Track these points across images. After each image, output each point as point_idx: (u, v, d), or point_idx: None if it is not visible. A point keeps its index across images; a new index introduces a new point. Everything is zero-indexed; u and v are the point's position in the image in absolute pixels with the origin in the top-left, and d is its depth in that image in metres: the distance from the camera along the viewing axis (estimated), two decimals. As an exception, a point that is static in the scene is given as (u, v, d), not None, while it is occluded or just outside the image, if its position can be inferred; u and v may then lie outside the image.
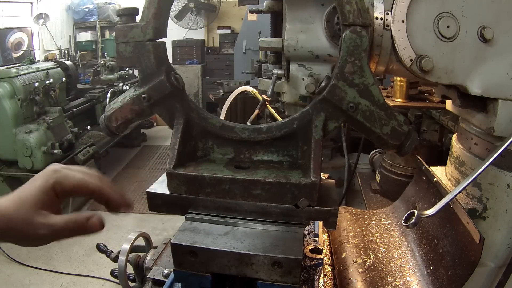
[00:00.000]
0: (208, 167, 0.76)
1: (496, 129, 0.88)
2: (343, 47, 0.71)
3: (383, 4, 0.83)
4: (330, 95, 0.72)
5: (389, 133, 0.74)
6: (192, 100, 0.81)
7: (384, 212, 1.32)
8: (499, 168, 0.93)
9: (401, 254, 1.09)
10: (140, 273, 1.13)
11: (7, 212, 0.63)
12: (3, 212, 0.63)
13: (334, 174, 2.98)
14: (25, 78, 3.73)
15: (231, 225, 0.74)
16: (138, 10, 0.77)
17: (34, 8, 6.54)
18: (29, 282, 3.22)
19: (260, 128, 0.78)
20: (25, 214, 0.64)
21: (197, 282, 0.71)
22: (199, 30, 7.90)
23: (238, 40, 6.46)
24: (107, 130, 0.82)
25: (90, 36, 7.71)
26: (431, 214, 0.80)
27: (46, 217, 0.66)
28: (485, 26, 0.83)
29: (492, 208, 0.97)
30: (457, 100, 0.93)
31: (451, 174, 1.14)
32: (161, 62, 0.75)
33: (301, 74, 0.94)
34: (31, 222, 0.65)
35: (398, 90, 2.64)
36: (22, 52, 6.06)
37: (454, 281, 0.86)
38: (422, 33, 0.83)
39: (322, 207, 0.71)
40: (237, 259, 0.67)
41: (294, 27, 0.91)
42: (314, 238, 1.09)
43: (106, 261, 1.45)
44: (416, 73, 0.84)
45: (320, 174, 0.70)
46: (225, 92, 5.02)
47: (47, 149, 3.63)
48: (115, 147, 5.54)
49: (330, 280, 1.05)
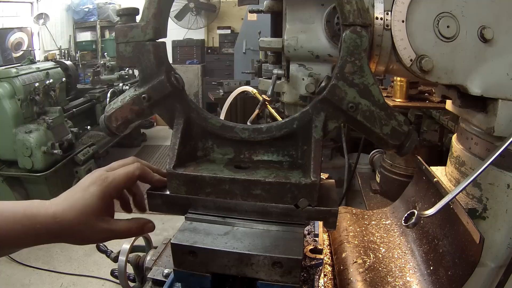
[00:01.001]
0: (208, 167, 0.76)
1: (496, 129, 0.88)
2: (343, 47, 0.70)
3: (383, 4, 0.83)
4: (330, 95, 0.72)
5: (389, 133, 0.74)
6: (192, 100, 0.81)
7: (384, 212, 1.32)
8: (499, 168, 0.93)
9: (401, 254, 1.09)
10: (140, 273, 1.13)
11: (66, 218, 0.66)
12: (61, 219, 0.66)
13: (334, 174, 2.98)
14: (25, 78, 3.73)
15: (231, 225, 0.74)
16: (138, 10, 0.77)
17: (34, 8, 6.54)
18: (29, 282, 3.22)
19: (260, 128, 0.78)
20: (87, 222, 0.68)
21: (197, 282, 0.71)
22: (199, 30, 7.90)
23: (238, 40, 6.46)
24: (107, 130, 0.82)
25: (90, 36, 7.71)
26: (431, 214, 0.80)
27: (108, 223, 0.71)
28: (485, 26, 0.83)
29: (492, 208, 0.97)
30: (457, 100, 0.93)
31: (451, 174, 1.14)
32: (161, 62, 0.75)
33: (301, 74, 0.94)
34: (95, 229, 0.69)
35: (398, 90, 2.64)
36: (22, 52, 6.06)
37: (454, 281, 0.86)
38: (422, 33, 0.83)
39: (322, 207, 0.71)
40: (237, 259, 0.67)
41: (294, 27, 0.91)
42: (314, 238, 1.10)
43: (106, 261, 1.45)
44: (416, 73, 0.84)
45: (320, 174, 0.70)
46: (225, 92, 5.03)
47: (47, 149, 3.63)
48: (115, 147, 5.54)
49: (330, 280, 1.05)
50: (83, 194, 0.69)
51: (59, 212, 0.66)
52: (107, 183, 0.70)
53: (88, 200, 0.68)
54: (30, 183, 3.84)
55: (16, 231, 0.63)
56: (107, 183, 0.70)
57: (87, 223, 0.68)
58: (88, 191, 0.69)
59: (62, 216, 0.66)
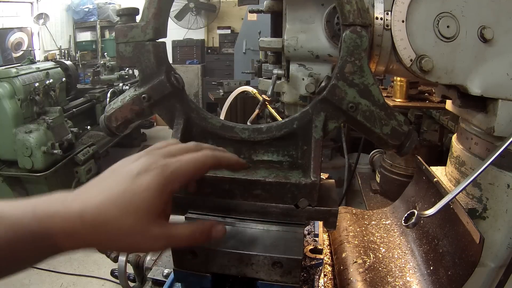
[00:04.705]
0: (208, 167, 0.76)
1: (496, 129, 0.88)
2: (343, 47, 0.71)
3: (383, 4, 0.83)
4: (330, 95, 0.72)
5: (389, 133, 0.74)
6: (192, 100, 0.81)
7: (384, 212, 1.32)
8: (499, 168, 0.93)
9: (401, 254, 1.09)
10: (140, 273, 1.12)
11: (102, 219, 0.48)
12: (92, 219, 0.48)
13: (334, 174, 2.98)
14: (25, 78, 3.73)
15: (231, 225, 0.74)
16: (138, 10, 0.77)
17: (34, 8, 6.54)
18: (29, 282, 3.22)
19: (260, 128, 0.78)
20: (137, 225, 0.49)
21: (197, 282, 0.71)
22: (199, 30, 7.90)
23: (238, 40, 6.45)
24: (107, 130, 0.82)
25: (90, 36, 7.71)
26: (431, 214, 0.80)
27: (165, 227, 0.53)
28: (485, 26, 0.83)
29: (492, 208, 0.97)
30: (457, 100, 0.93)
31: (451, 174, 1.14)
32: (161, 62, 0.75)
33: (301, 74, 0.94)
34: (146, 235, 0.50)
35: (398, 90, 2.64)
36: (22, 52, 6.06)
37: (454, 281, 0.86)
38: (422, 33, 0.83)
39: (322, 207, 0.71)
40: (237, 259, 0.67)
41: (294, 27, 0.91)
42: (314, 238, 1.10)
43: (106, 261, 1.45)
44: (416, 73, 0.84)
45: (320, 174, 0.70)
46: (225, 92, 5.02)
47: (47, 149, 3.63)
48: (115, 147, 5.53)
49: (330, 280, 1.05)
50: (130, 185, 0.49)
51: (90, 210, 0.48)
52: (167, 173, 0.51)
53: (140, 194, 0.49)
54: (30, 183, 3.84)
55: (23, 244, 0.45)
56: (167, 173, 0.51)
57: (136, 227, 0.49)
58: (139, 181, 0.50)
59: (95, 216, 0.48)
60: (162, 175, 0.51)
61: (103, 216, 0.48)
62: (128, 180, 0.50)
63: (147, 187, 0.49)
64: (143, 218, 0.49)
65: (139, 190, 0.49)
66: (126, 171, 0.51)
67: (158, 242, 0.52)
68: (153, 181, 0.50)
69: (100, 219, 0.48)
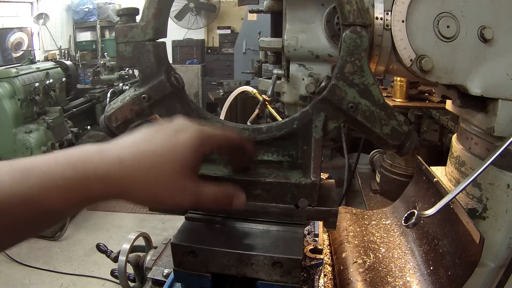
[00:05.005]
0: (208, 167, 0.76)
1: (496, 129, 0.88)
2: (343, 47, 0.71)
3: (383, 4, 0.83)
4: (330, 95, 0.72)
5: (389, 133, 0.74)
6: (192, 100, 0.81)
7: (384, 212, 1.32)
8: (499, 168, 0.93)
9: (401, 254, 1.09)
10: (140, 273, 1.12)
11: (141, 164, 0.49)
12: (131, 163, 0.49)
13: (334, 174, 2.98)
14: (25, 78, 3.74)
15: (231, 225, 0.74)
16: (138, 10, 0.77)
17: (34, 8, 6.54)
18: (29, 282, 3.22)
19: (260, 128, 0.78)
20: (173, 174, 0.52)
21: (197, 282, 0.71)
22: (199, 30, 7.90)
23: (238, 40, 6.46)
24: (107, 130, 0.82)
25: (90, 36, 7.71)
26: (431, 214, 0.80)
27: (196, 183, 0.56)
28: (485, 26, 0.83)
29: (492, 208, 0.97)
30: (457, 100, 0.93)
31: (451, 174, 1.14)
32: (161, 62, 0.75)
33: (301, 74, 0.94)
34: (181, 186, 0.53)
35: (398, 90, 2.64)
36: (22, 52, 6.06)
37: (454, 281, 0.86)
38: (422, 33, 0.83)
39: (322, 207, 0.71)
40: (237, 259, 0.67)
41: (294, 27, 0.91)
42: (314, 238, 1.09)
43: (106, 261, 1.45)
44: (416, 73, 0.84)
45: (320, 174, 0.70)
46: (225, 92, 5.02)
47: (47, 149, 3.64)
48: (115, 147, 5.53)
49: (330, 280, 1.05)
50: (170, 138, 0.53)
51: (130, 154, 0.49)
52: (204, 135, 0.56)
53: (179, 148, 0.52)
54: (30, 183, 3.84)
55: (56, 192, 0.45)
56: (204, 134, 0.56)
57: (172, 176, 0.51)
58: (179, 136, 0.54)
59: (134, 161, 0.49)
60: (199, 135, 0.55)
61: (142, 162, 0.50)
62: (168, 134, 0.54)
63: (186, 143, 0.53)
64: (180, 170, 0.52)
65: (178, 144, 0.53)
66: (166, 127, 0.55)
67: (188, 196, 0.55)
68: (191, 139, 0.54)
69: (139, 164, 0.50)
